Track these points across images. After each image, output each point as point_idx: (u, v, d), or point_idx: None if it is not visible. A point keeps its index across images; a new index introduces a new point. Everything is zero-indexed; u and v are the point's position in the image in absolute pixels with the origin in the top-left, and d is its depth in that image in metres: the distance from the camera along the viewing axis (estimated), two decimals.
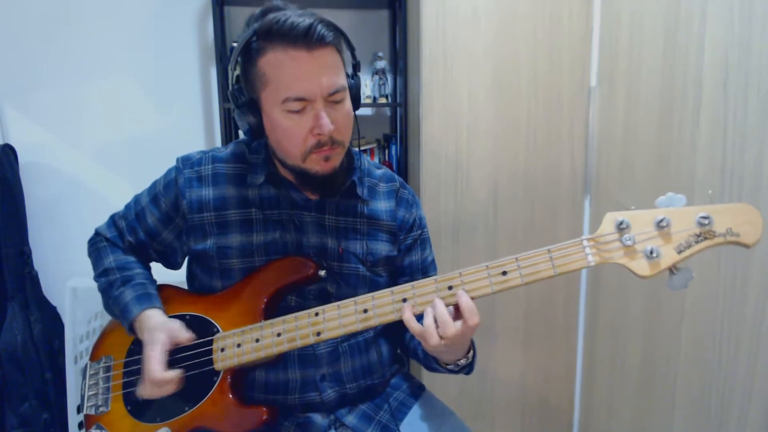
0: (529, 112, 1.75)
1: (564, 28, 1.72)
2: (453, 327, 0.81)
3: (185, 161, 1.03)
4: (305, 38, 0.84)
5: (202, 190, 1.00)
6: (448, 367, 0.95)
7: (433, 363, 0.99)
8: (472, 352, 0.94)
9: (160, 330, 0.94)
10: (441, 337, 0.81)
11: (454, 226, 1.77)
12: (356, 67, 0.97)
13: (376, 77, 2.09)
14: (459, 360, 0.93)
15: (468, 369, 0.97)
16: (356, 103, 0.96)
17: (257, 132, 0.94)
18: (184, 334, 0.95)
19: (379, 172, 1.09)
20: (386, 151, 2.16)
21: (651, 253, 0.76)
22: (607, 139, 1.71)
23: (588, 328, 1.89)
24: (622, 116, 1.63)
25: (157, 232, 1.05)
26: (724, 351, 1.30)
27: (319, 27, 0.84)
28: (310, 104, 0.88)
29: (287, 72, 0.86)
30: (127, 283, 1.02)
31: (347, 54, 0.93)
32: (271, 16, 0.85)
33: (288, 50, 0.85)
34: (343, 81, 0.90)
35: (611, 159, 1.70)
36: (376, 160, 2.15)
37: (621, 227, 0.78)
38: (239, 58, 0.90)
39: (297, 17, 0.84)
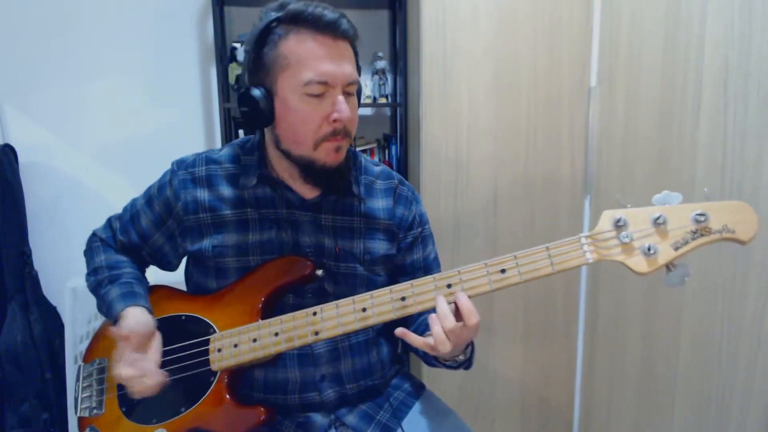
0: (529, 112, 1.75)
1: (564, 28, 1.72)
2: (453, 322, 0.82)
3: (180, 164, 1.03)
4: (332, 28, 0.88)
5: (197, 191, 1.00)
6: (446, 363, 0.96)
7: (432, 359, 1.00)
8: (470, 348, 0.96)
9: (138, 328, 0.93)
10: (446, 333, 0.82)
11: (454, 226, 1.77)
12: (359, 70, 1.01)
13: (376, 77, 2.09)
14: (457, 356, 0.94)
15: (467, 364, 0.98)
16: (358, 103, 1.00)
17: (266, 118, 0.92)
18: (153, 344, 0.94)
19: (376, 169, 1.09)
20: (386, 151, 2.17)
21: (648, 250, 0.77)
22: (607, 139, 1.71)
23: (588, 328, 1.89)
24: (622, 116, 1.63)
25: (149, 235, 1.06)
26: (724, 351, 1.29)
27: (344, 21, 0.90)
28: (330, 90, 0.90)
29: (314, 55, 0.88)
30: (114, 281, 1.01)
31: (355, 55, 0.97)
32: (296, 5, 0.89)
33: (316, 36, 0.88)
34: (357, 76, 0.94)
35: (611, 159, 1.70)
36: (376, 159, 2.15)
37: (618, 224, 0.78)
38: (254, 45, 0.91)
39: (323, 9, 0.89)
